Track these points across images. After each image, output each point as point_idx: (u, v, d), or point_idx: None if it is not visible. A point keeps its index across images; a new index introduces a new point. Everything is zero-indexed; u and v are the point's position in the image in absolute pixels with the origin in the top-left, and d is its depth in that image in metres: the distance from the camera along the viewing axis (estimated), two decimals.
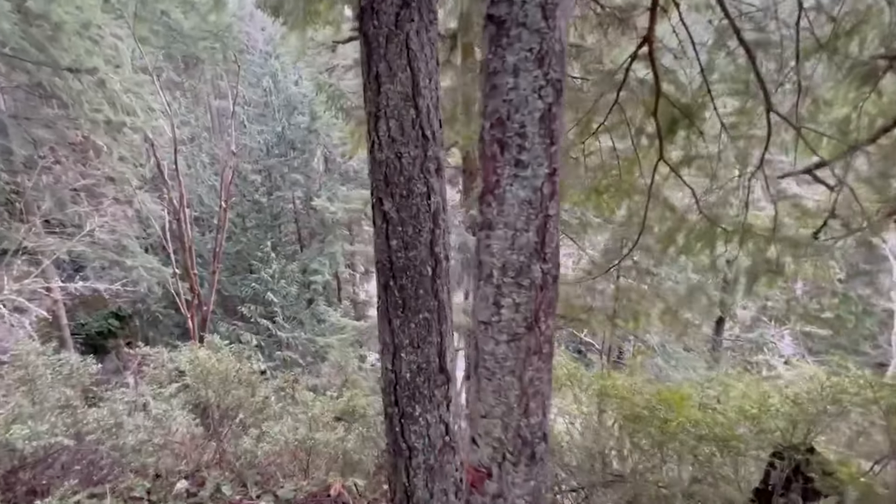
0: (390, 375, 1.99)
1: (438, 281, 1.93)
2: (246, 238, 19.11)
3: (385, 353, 2.00)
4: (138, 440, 2.71)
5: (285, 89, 18.01)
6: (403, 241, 1.86)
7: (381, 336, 2.01)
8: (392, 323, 1.93)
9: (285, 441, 3.10)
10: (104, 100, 14.62)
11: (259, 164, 18.73)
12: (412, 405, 1.96)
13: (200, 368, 3.35)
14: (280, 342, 15.75)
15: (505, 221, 1.91)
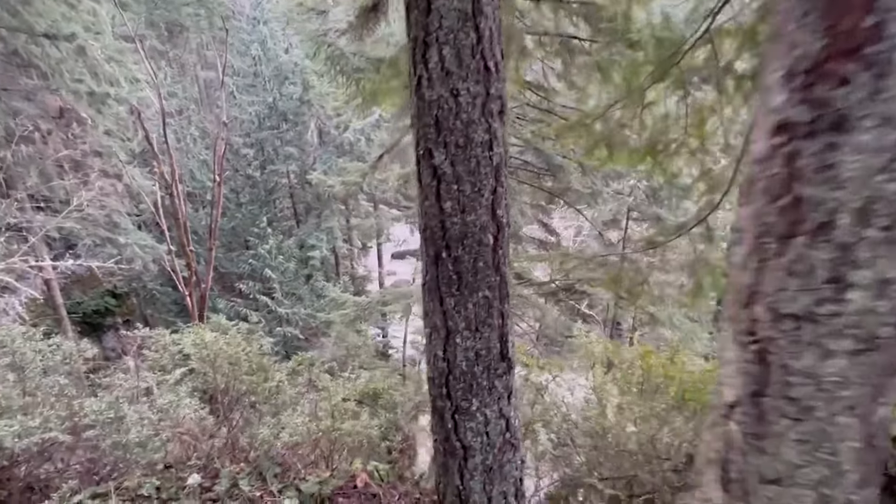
0: (441, 365, 1.65)
1: (500, 251, 1.57)
2: (241, 214, 18.53)
3: (434, 337, 1.66)
4: (143, 435, 2.39)
5: (275, 57, 17.07)
6: (460, 203, 1.49)
7: (430, 318, 1.66)
8: (445, 302, 1.58)
9: (307, 431, 2.80)
10: (85, 69, 13.75)
11: (251, 137, 17.95)
12: (468, 398, 1.63)
13: (207, 351, 3.02)
14: (280, 318, 15.46)
15: None
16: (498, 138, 1.48)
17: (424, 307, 1.69)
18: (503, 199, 1.53)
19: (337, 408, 3.04)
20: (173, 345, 3.35)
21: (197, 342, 3.08)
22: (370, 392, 3.66)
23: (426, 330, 1.70)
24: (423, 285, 1.67)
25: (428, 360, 1.74)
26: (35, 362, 2.75)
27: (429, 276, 1.61)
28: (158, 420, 2.61)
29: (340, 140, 17.44)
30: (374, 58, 6.23)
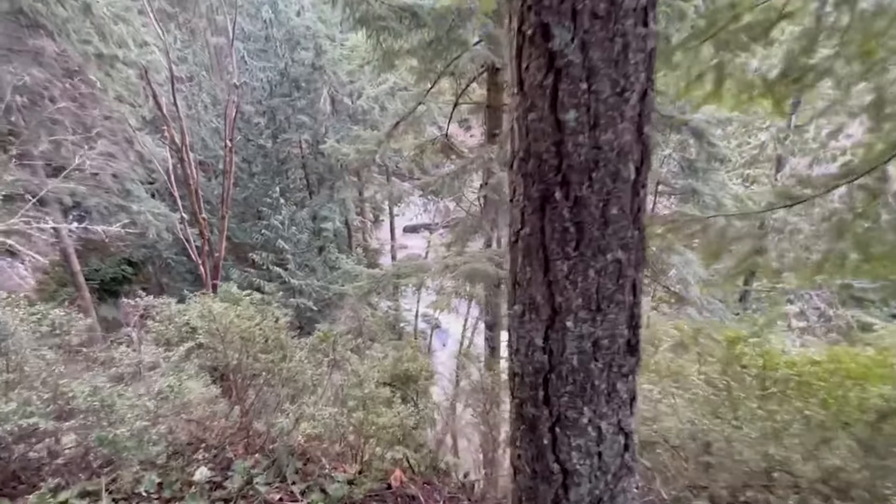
0: (539, 358, 1.12)
1: (642, 192, 1.02)
2: (253, 184, 18.01)
3: (529, 319, 1.13)
4: (136, 428, 1.94)
5: (287, 21, 16.15)
6: (591, 113, 0.93)
7: (523, 291, 1.12)
8: (552, 268, 1.04)
9: (336, 424, 2.35)
10: (92, 29, 13.07)
11: (262, 104, 17.23)
12: (577, 406, 1.11)
13: (216, 325, 2.55)
14: (293, 289, 15.13)
15: None
16: (654, 5, 0.91)
17: (514, 276, 1.15)
18: (652, 107, 0.97)
19: (369, 396, 2.57)
20: (179, 315, 2.90)
21: (204, 314, 2.62)
22: (401, 374, 3.21)
23: (515, 308, 1.17)
24: (514, 243, 1.13)
25: (512, 348, 1.22)
26: (17, 333, 2.31)
27: (526, 229, 1.07)
28: (157, 407, 2.16)
29: (354, 109, 16.68)
30: (397, 5, 5.55)
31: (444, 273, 9.27)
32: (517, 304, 1.15)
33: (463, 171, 7.62)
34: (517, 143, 1.04)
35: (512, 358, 1.22)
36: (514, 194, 1.10)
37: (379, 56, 8.73)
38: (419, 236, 24.44)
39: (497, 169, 6.73)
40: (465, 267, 8.27)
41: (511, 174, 1.10)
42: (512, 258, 1.15)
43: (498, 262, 8.59)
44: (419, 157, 11.55)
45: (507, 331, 1.24)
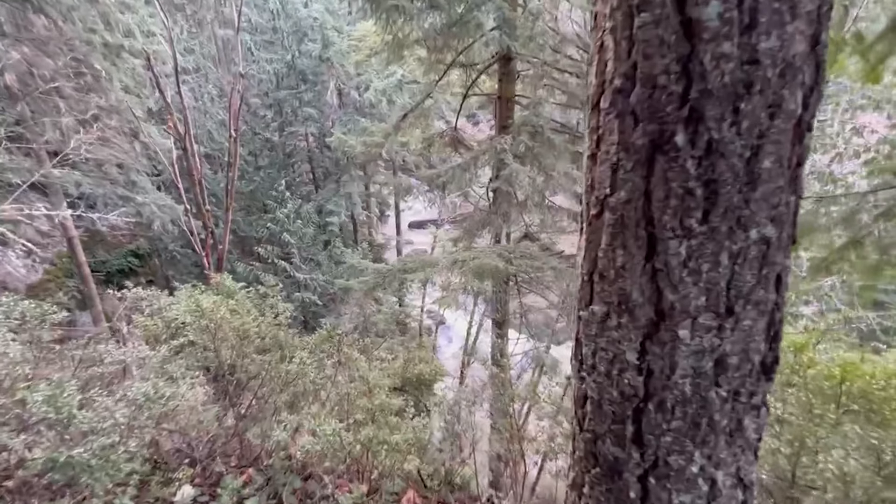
0: (631, 379, 0.78)
1: (806, 137, 0.67)
2: (259, 177, 17.72)
3: (617, 324, 0.78)
4: (98, 448, 1.61)
5: (294, 12, 15.78)
6: (744, 5, 0.59)
7: (603, 283, 0.77)
8: (661, 250, 0.69)
9: (340, 442, 2.01)
10: (98, 18, 12.79)
11: (269, 97, 16.90)
12: (684, 449, 0.77)
13: (206, 321, 2.22)
14: (298, 283, 14.86)
15: None
16: None
17: (593, 264, 0.81)
18: (831, 2, 0.62)
19: (379, 407, 2.23)
20: (167, 310, 2.57)
21: (193, 308, 2.28)
22: (413, 378, 2.89)
23: (591, 309, 0.83)
24: (596, 216, 0.79)
25: (583, 363, 0.88)
26: None
27: (620, 195, 0.73)
28: (132, 417, 1.82)
29: (361, 102, 16.32)
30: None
31: (451, 268, 8.95)
32: (596, 302, 0.81)
33: (473, 163, 7.27)
34: (610, 64, 0.70)
35: (583, 376, 0.88)
36: (600, 144, 0.76)
37: (388, 45, 8.39)
38: (425, 232, 24.11)
39: (510, 159, 6.37)
40: (473, 262, 7.93)
41: (595, 115, 0.75)
42: (589, 240, 0.81)
43: (507, 257, 8.25)
44: (427, 150, 11.20)
45: (577, 339, 0.90)
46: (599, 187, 0.77)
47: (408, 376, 2.91)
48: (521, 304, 9.94)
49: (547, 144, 6.62)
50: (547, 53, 7.92)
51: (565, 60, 8.19)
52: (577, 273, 0.88)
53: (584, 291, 0.85)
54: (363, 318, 14.71)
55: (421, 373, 2.91)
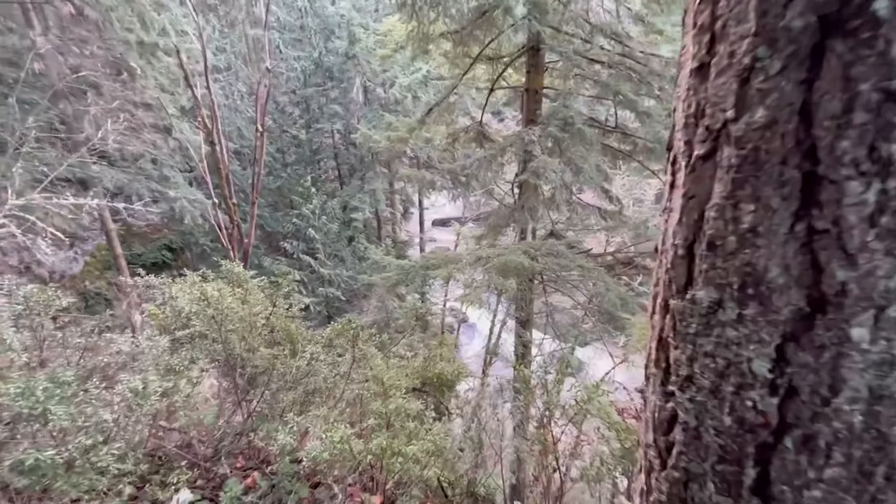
0: (759, 400, 0.51)
1: None
2: (286, 173, 17.90)
3: (736, 318, 0.51)
4: (74, 448, 1.42)
5: (322, 10, 15.83)
6: None
7: (713, 257, 0.50)
8: (827, 196, 0.42)
9: (351, 451, 1.80)
10: (135, 17, 13.11)
11: (296, 94, 17.02)
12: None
13: (212, 310, 2.06)
14: (322, 279, 14.89)
15: None
16: None
17: (703, 227, 0.55)
18: None
19: (395, 412, 2.01)
20: (173, 299, 2.42)
21: (198, 297, 2.12)
22: (434, 378, 2.67)
23: (694, 295, 0.56)
24: (704, 157, 0.53)
25: (665, 369, 0.62)
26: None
27: (754, 117, 0.47)
28: (125, 413, 1.66)
29: (386, 98, 16.23)
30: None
31: (475, 265, 8.70)
32: (700, 285, 0.54)
33: (499, 155, 6.99)
34: None
35: (671, 392, 0.62)
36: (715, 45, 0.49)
37: (413, 39, 8.19)
38: (449, 230, 23.92)
39: (538, 151, 6.06)
40: (497, 259, 7.64)
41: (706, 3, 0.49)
42: (689, 193, 0.55)
43: (533, 254, 7.93)
44: (451, 146, 10.97)
45: (660, 340, 0.64)
46: (713, 112, 0.51)
47: (428, 376, 2.69)
48: (546, 304, 9.58)
49: (577, 136, 6.27)
50: (577, 44, 7.55)
51: (596, 50, 7.79)
52: (663, 245, 0.62)
53: (676, 271, 0.59)
54: (385, 313, 14.63)
55: (442, 372, 2.69)
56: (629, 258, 11.02)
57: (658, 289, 0.64)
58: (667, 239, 0.61)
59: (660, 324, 0.62)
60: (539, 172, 5.64)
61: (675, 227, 0.58)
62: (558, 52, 7.94)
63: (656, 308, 0.64)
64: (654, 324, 0.65)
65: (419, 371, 2.74)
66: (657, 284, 0.65)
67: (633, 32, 8.63)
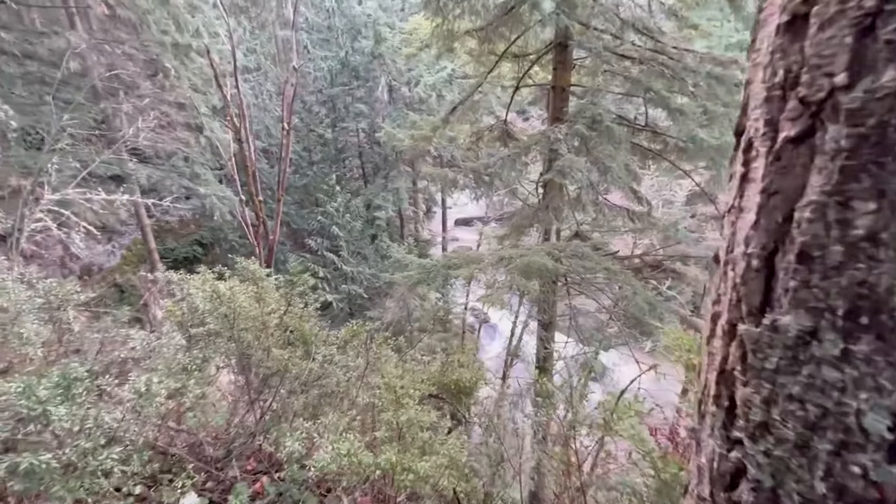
0: (873, 468, 0.38)
1: None
2: (312, 172, 18.14)
3: (832, 351, 0.38)
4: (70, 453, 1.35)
5: (349, 10, 15.95)
6: None
7: (798, 257, 0.37)
8: None
9: (359, 464, 1.71)
10: (170, 20, 13.51)
11: (323, 93, 17.22)
12: None
13: (225, 308, 2.01)
14: (345, 276, 15.02)
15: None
16: None
17: (791, 230, 0.41)
18: None
19: (407, 423, 1.91)
20: (190, 295, 2.39)
21: (209, 295, 2.08)
22: (451, 384, 2.55)
23: (769, 322, 0.43)
24: (797, 139, 0.40)
25: (730, 411, 0.48)
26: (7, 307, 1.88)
27: (877, 80, 0.33)
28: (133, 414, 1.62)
29: (410, 97, 16.22)
30: None
31: (497, 266, 8.55)
32: (785, 307, 0.41)
33: (523, 153, 6.82)
34: None
35: (737, 439, 0.49)
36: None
37: (438, 36, 8.09)
38: (471, 229, 23.77)
39: (564, 150, 5.86)
40: (521, 260, 7.47)
41: None
42: (770, 188, 0.41)
43: (557, 256, 7.72)
44: (475, 145, 10.83)
45: (721, 372, 0.50)
46: (812, 78, 0.38)
47: (445, 382, 2.58)
48: (570, 306, 9.34)
49: (605, 135, 6.04)
50: (606, 39, 7.30)
51: (627, 46, 7.51)
52: (728, 253, 0.49)
53: (748, 287, 0.46)
54: (406, 312, 14.63)
55: (460, 379, 2.58)
56: (658, 261, 10.64)
57: (720, 308, 0.51)
58: (735, 246, 0.48)
59: (722, 351, 0.50)
60: (565, 171, 5.45)
61: (748, 232, 0.45)
62: (587, 49, 7.70)
63: (717, 331, 0.51)
64: (712, 350, 0.52)
65: (436, 376, 2.63)
66: (718, 302, 0.52)
67: (666, 28, 8.29)
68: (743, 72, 7.21)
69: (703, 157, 6.50)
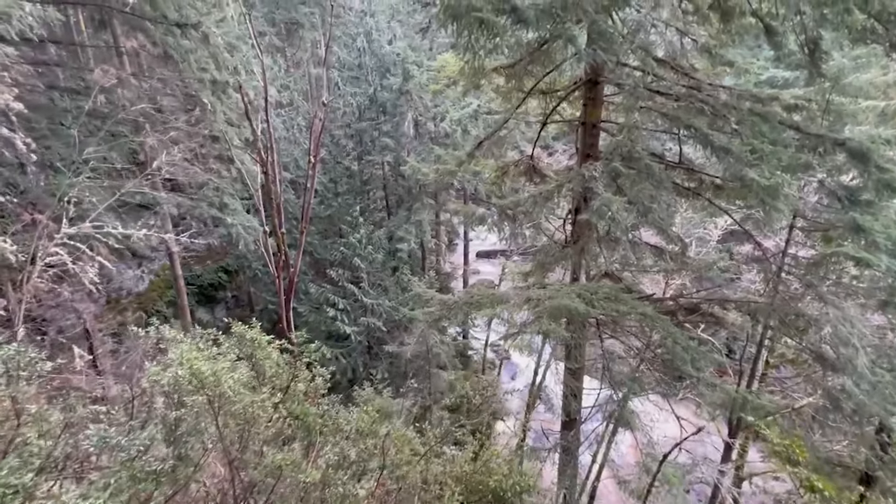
0: None
1: None
2: (337, 203, 18.18)
3: None
4: None
5: (379, 49, 16.31)
6: None
7: None
8: None
9: None
10: (210, 59, 13.97)
11: (351, 128, 17.46)
12: None
13: (209, 392, 1.57)
14: (365, 308, 14.64)
15: None
16: None
17: None
18: None
19: None
20: (179, 363, 1.97)
21: (187, 373, 1.66)
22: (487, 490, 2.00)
23: None
24: None
25: None
26: None
27: None
28: None
29: (436, 132, 16.23)
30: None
31: (522, 306, 8.01)
32: None
33: (555, 192, 6.40)
34: None
35: None
36: None
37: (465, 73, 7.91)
38: (493, 262, 23.26)
39: (601, 189, 5.41)
40: (549, 303, 6.90)
41: None
42: None
43: (588, 298, 7.11)
44: (500, 179, 10.48)
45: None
46: None
47: (478, 486, 2.04)
48: (602, 349, 8.63)
49: (645, 173, 5.58)
50: (638, 75, 6.95)
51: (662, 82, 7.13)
52: None
53: None
54: (425, 347, 14.03)
55: (499, 487, 2.03)
56: (694, 304, 9.83)
57: None
58: None
59: None
60: (602, 212, 4.98)
61: None
62: (618, 85, 7.36)
63: None
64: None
65: (467, 475, 2.12)
66: None
67: (699, 64, 7.91)
68: (785, 109, 6.68)
69: (751, 198, 5.93)
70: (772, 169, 5.81)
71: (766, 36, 6.73)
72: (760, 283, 9.24)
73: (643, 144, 9.57)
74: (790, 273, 8.11)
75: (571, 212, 8.32)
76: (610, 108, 8.45)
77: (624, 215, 4.83)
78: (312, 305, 15.87)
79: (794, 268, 8.46)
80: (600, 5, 5.40)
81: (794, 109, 6.73)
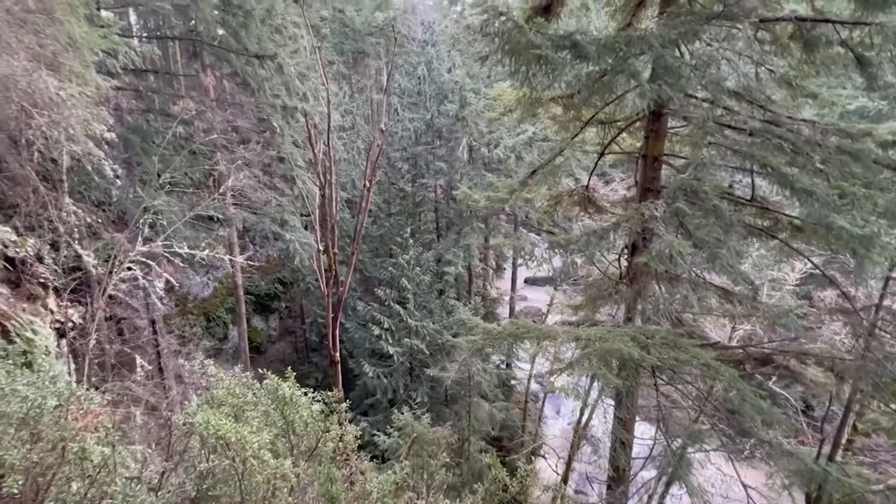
0: None
1: None
2: (389, 223, 18.60)
3: None
4: None
5: (438, 77, 16.77)
6: None
7: None
8: None
9: None
10: (282, 86, 14.98)
11: (407, 151, 17.95)
12: None
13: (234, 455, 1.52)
14: (409, 329, 14.65)
15: None
16: None
17: None
18: None
19: None
20: (198, 422, 1.90)
21: (213, 434, 1.61)
22: None
23: None
24: None
25: None
26: None
27: None
28: None
29: (489, 157, 16.25)
30: (558, 35, 4.50)
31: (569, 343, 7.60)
32: None
33: (612, 230, 6.06)
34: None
35: None
36: None
37: (522, 103, 7.84)
38: (541, 289, 22.59)
39: (662, 230, 5.04)
40: (600, 345, 6.47)
41: None
42: None
43: (644, 343, 6.60)
44: (553, 208, 10.17)
45: None
46: None
47: None
48: (658, 397, 7.94)
49: (713, 214, 5.14)
50: (706, 108, 6.48)
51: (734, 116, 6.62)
52: None
53: None
54: (467, 373, 13.70)
55: None
56: (765, 355, 8.86)
57: None
58: None
59: None
60: (663, 256, 4.61)
61: None
62: (684, 118, 6.94)
63: None
64: None
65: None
66: None
67: (777, 96, 7.25)
68: (880, 146, 5.91)
69: (840, 246, 5.25)
70: (865, 215, 5.13)
71: (857, 67, 6.07)
72: (847, 336, 8.15)
73: (710, 179, 8.95)
74: (885, 330, 7.08)
75: (627, 247, 7.86)
76: (674, 139, 7.99)
77: (688, 259, 4.43)
78: (359, 322, 16.15)
79: (892, 323, 7.40)
80: (667, 39, 5.14)
81: (891, 146, 5.96)
